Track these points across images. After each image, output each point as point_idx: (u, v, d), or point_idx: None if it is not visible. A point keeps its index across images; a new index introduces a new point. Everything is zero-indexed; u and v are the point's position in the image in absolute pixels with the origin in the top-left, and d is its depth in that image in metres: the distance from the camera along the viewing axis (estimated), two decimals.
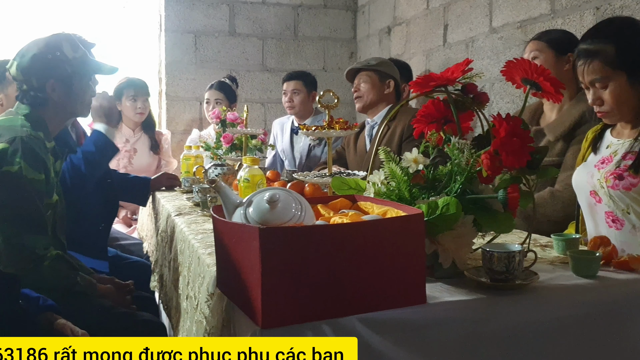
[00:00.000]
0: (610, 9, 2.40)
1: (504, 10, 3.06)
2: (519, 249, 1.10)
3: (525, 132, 1.17)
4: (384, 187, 1.23)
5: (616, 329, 1.15)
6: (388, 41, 4.25)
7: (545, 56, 2.29)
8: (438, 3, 3.63)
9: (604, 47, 1.69)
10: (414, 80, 1.27)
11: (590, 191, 1.75)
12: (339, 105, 1.75)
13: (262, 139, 2.82)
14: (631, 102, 1.68)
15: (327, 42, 4.65)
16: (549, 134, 2.22)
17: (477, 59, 3.25)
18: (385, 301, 0.98)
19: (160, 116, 4.41)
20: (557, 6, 2.70)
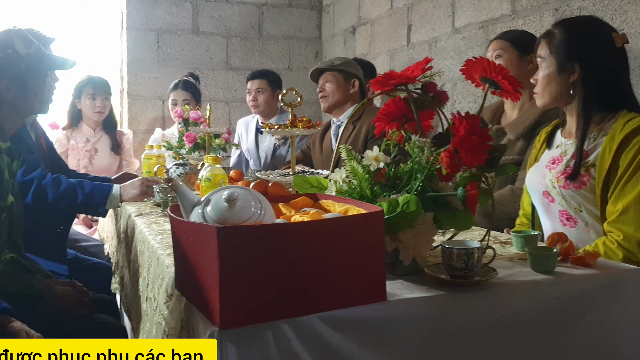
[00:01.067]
0: (568, 10, 2.45)
1: (466, 11, 3.10)
2: (478, 245, 1.11)
3: (484, 130, 1.18)
4: (346, 185, 1.22)
5: (572, 323, 1.17)
6: (353, 41, 4.27)
7: (509, 55, 2.32)
8: (402, 3, 3.65)
9: (556, 31, 1.76)
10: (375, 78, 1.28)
11: (543, 191, 1.79)
12: (306, 105, 1.75)
13: (225, 138, 2.79)
14: (554, 90, 1.75)
15: (292, 41, 4.64)
16: (510, 133, 2.26)
17: (440, 59, 3.28)
18: (346, 299, 0.98)
19: (121, 115, 4.34)
20: (518, 7, 2.75)
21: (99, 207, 2.26)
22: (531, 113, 2.22)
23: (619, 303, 1.21)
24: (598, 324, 1.19)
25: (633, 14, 2.16)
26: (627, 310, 1.22)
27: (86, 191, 2.20)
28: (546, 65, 1.77)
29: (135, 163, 3.67)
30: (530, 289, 1.15)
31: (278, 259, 0.89)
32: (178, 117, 2.96)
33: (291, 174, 1.69)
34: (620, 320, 1.21)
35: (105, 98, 3.51)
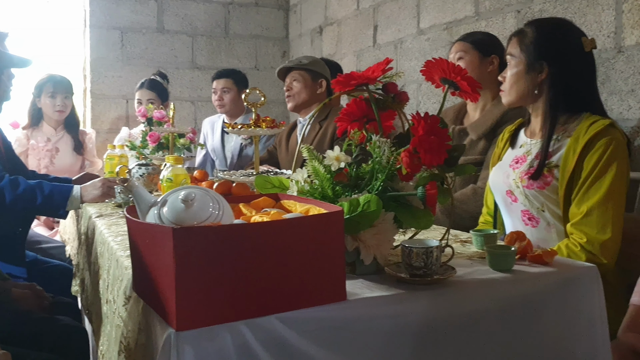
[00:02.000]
0: (530, 12, 2.50)
1: (431, 12, 3.13)
2: (437, 244, 1.12)
3: (443, 130, 1.19)
4: (308, 185, 1.22)
5: (530, 320, 1.19)
6: (320, 41, 4.27)
7: (471, 57, 2.35)
8: (368, 4, 3.67)
9: (527, 30, 1.79)
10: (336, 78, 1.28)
11: (507, 191, 1.81)
12: (273, 104, 1.75)
13: (190, 138, 2.76)
14: (522, 88, 1.78)
15: (259, 41, 4.63)
16: (472, 133, 2.29)
17: (405, 60, 3.31)
18: (305, 299, 0.97)
19: (84, 114, 4.26)
20: (481, 9, 2.79)
21: (59, 209, 2.21)
22: (492, 113, 2.26)
23: (575, 300, 1.23)
24: (555, 320, 1.21)
25: (592, 16, 2.21)
26: (582, 307, 1.24)
27: (45, 193, 2.16)
28: (515, 63, 1.80)
29: (98, 163, 3.61)
30: (489, 287, 1.16)
31: (236, 260, 0.88)
32: (142, 117, 2.92)
33: (255, 174, 1.68)
34: (577, 316, 1.23)
35: (66, 97, 3.44)
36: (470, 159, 2.25)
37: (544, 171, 1.71)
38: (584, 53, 1.76)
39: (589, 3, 2.22)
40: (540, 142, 1.76)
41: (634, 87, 2.06)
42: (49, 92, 3.38)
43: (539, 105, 1.79)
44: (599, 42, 2.15)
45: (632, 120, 2.07)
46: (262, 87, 3.63)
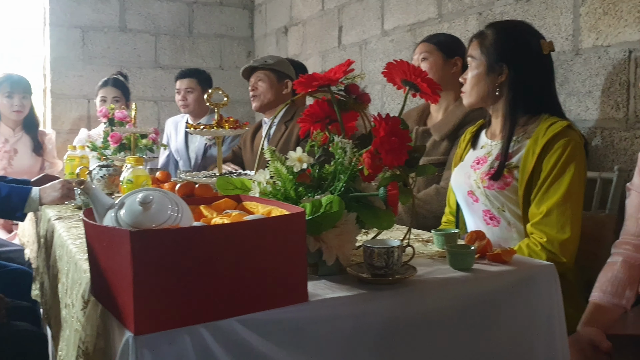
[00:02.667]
0: (491, 14, 2.54)
1: (395, 14, 3.16)
2: (398, 244, 1.13)
3: (404, 131, 1.20)
4: (270, 186, 1.22)
5: (490, 318, 1.20)
6: (285, 41, 4.27)
7: (434, 58, 2.38)
8: (333, 4, 3.68)
9: (488, 32, 1.82)
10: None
11: (468, 191, 1.84)
12: (239, 104, 1.74)
13: (153, 138, 2.73)
14: (482, 90, 1.81)
15: (224, 40, 4.59)
16: (435, 134, 2.31)
17: (370, 61, 3.33)
18: (267, 301, 0.97)
19: (44, 115, 4.17)
20: (444, 11, 2.82)
21: (16, 211, 2.16)
22: (455, 115, 2.28)
23: (533, 297, 1.26)
24: (514, 318, 1.23)
25: (550, 19, 2.25)
26: (540, 304, 1.26)
27: (2, 194, 2.10)
28: (476, 65, 1.82)
29: (58, 164, 3.54)
30: (449, 286, 1.18)
31: (195, 262, 0.87)
32: (103, 117, 2.87)
33: (218, 175, 1.67)
34: (535, 314, 1.26)
35: (24, 97, 3.36)
36: (434, 160, 2.28)
37: (504, 172, 1.74)
38: (542, 55, 1.79)
39: (548, 6, 2.26)
40: (501, 143, 1.79)
41: (591, 88, 2.11)
42: (6, 92, 3.30)
43: (499, 106, 1.82)
44: (557, 45, 2.19)
45: (589, 121, 2.12)
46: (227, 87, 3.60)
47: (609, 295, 1.54)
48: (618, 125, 2.02)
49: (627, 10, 1.97)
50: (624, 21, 1.98)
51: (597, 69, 2.09)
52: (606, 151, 2.06)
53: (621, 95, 2.00)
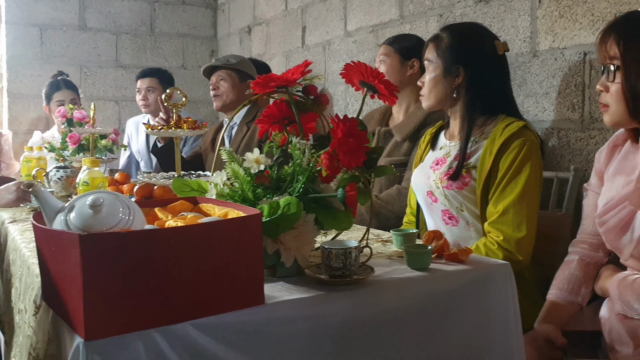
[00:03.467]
0: (451, 16, 2.57)
1: (358, 15, 3.17)
2: (356, 245, 1.13)
3: (362, 132, 1.21)
4: (227, 188, 1.21)
5: (447, 317, 1.22)
6: (249, 40, 4.24)
7: (392, 61, 2.40)
8: (296, 5, 3.67)
9: (443, 35, 1.83)
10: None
11: (427, 191, 1.86)
12: (201, 104, 1.71)
13: (112, 139, 2.68)
14: (440, 92, 1.83)
15: (187, 39, 4.54)
16: (397, 135, 2.33)
17: (334, 62, 3.33)
18: (222, 304, 0.96)
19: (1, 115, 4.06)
20: (406, 12, 2.85)
21: None
22: (416, 116, 2.31)
23: (489, 296, 1.27)
24: (471, 316, 1.25)
25: (509, 21, 2.29)
26: (496, 303, 1.28)
27: None
28: (433, 68, 1.84)
29: (15, 166, 3.45)
30: (406, 286, 1.18)
31: (147, 266, 0.86)
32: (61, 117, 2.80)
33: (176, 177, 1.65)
34: (491, 312, 1.27)
35: None
36: (395, 160, 2.30)
37: (462, 172, 1.76)
38: (497, 56, 1.83)
39: (506, 8, 2.30)
40: (459, 144, 1.81)
41: (548, 90, 2.15)
42: None
43: (457, 108, 1.85)
44: (515, 47, 2.23)
45: (546, 121, 2.16)
46: (189, 87, 3.58)
47: (566, 292, 1.57)
48: (574, 126, 2.06)
49: (581, 14, 2.02)
50: (579, 24, 2.03)
51: (554, 70, 2.13)
52: (563, 151, 2.10)
53: (577, 96, 2.05)
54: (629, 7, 1.86)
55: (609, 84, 1.37)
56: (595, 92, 1.98)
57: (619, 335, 1.40)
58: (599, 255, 1.59)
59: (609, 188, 1.47)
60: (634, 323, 1.37)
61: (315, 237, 1.20)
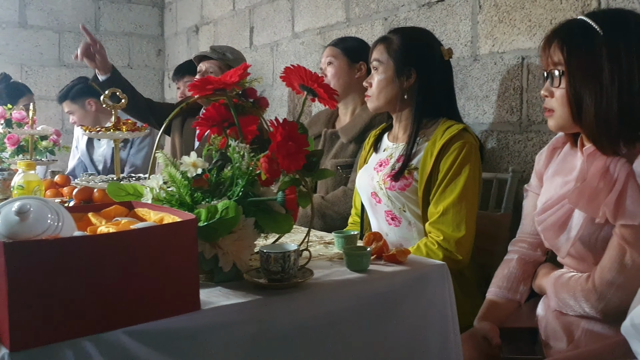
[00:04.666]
0: (396, 19, 2.60)
1: (305, 17, 3.18)
2: (295, 248, 1.14)
3: (302, 136, 1.21)
4: (164, 192, 1.19)
5: (386, 317, 1.23)
6: (196, 40, 4.20)
7: (339, 62, 2.41)
8: (244, 5, 3.66)
9: (393, 38, 1.85)
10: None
11: (371, 192, 1.88)
12: None
13: (53, 140, 2.60)
14: (390, 94, 1.85)
15: (132, 38, 4.46)
16: (343, 136, 2.35)
17: (282, 63, 3.33)
18: (156, 311, 0.95)
19: None
20: (352, 15, 2.87)
21: None
22: (362, 118, 2.32)
23: (427, 296, 1.30)
24: (409, 316, 1.27)
25: (451, 26, 2.34)
26: (434, 302, 1.31)
27: None
28: (384, 69, 1.86)
29: None
30: (345, 288, 1.19)
31: (76, 273, 0.84)
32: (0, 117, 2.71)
33: (116, 180, 1.62)
34: (429, 312, 1.30)
35: None
36: (341, 162, 2.31)
37: (405, 173, 1.79)
38: (443, 61, 1.86)
39: (449, 13, 2.35)
40: (402, 146, 1.84)
41: (488, 93, 2.21)
42: None
43: (404, 110, 1.87)
44: (457, 51, 2.28)
45: (486, 124, 2.22)
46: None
47: (505, 290, 1.60)
48: (512, 129, 2.12)
49: (519, 19, 2.08)
50: (517, 29, 2.09)
51: (494, 74, 2.19)
52: (502, 153, 2.16)
53: (515, 99, 2.11)
54: (564, 13, 1.93)
55: (554, 89, 1.40)
56: (532, 97, 2.05)
57: (554, 331, 1.44)
58: (537, 254, 1.62)
59: (548, 188, 1.51)
60: (569, 319, 1.42)
61: (255, 240, 1.20)
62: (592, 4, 1.85)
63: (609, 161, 1.33)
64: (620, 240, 1.30)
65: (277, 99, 3.43)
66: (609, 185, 1.31)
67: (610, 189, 1.30)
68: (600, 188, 1.31)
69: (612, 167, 1.32)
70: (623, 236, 1.29)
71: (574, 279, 1.41)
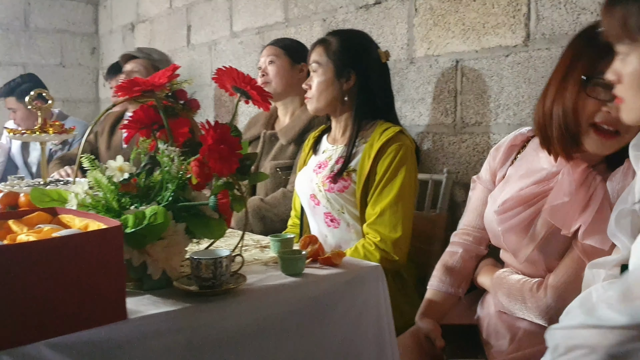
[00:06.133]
0: (334, 21, 2.61)
1: (244, 16, 3.14)
2: (227, 254, 1.12)
3: (235, 138, 1.19)
4: (89, 197, 1.15)
5: (321, 321, 1.23)
6: (132, 38, 4.09)
7: (282, 62, 2.39)
8: (181, 3, 3.59)
9: (332, 39, 1.85)
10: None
11: (310, 194, 1.87)
12: (82, 104, 1.61)
13: None
14: (331, 95, 1.85)
15: (65, 36, 4.30)
16: (282, 138, 2.33)
17: (220, 62, 3.29)
18: (80, 322, 0.91)
19: None
20: (290, 15, 2.86)
21: None
22: (301, 119, 2.32)
23: (362, 298, 1.30)
24: (345, 319, 1.27)
25: (388, 28, 2.36)
26: (369, 304, 1.31)
27: None
28: (323, 71, 1.85)
29: None
30: (279, 293, 1.18)
31: None
32: None
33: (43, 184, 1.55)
34: (364, 314, 1.30)
35: None
36: (281, 164, 2.30)
37: (343, 175, 1.80)
38: (381, 64, 1.88)
39: (386, 16, 2.37)
40: (341, 148, 1.85)
41: (424, 95, 2.24)
42: None
43: (344, 112, 1.87)
44: (394, 53, 2.30)
45: (422, 126, 2.25)
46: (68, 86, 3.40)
47: (447, 284, 1.60)
48: (447, 130, 2.16)
49: (453, 23, 2.12)
50: (452, 32, 2.13)
51: (429, 77, 2.22)
52: (437, 154, 2.20)
53: (450, 102, 2.15)
54: (496, 18, 1.98)
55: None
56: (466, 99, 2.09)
57: (496, 329, 1.45)
58: (481, 249, 1.62)
59: (507, 188, 1.48)
60: (511, 319, 1.43)
61: (187, 247, 1.17)
62: (522, 9, 1.91)
63: (587, 173, 1.33)
64: (581, 254, 1.30)
65: (216, 99, 3.38)
66: (584, 200, 1.30)
67: (586, 206, 1.29)
68: (576, 201, 1.30)
69: (589, 182, 1.32)
70: (585, 251, 1.29)
71: (522, 283, 1.40)
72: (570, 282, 1.31)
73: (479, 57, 2.04)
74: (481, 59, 2.04)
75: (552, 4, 1.83)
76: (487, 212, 1.50)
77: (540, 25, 1.86)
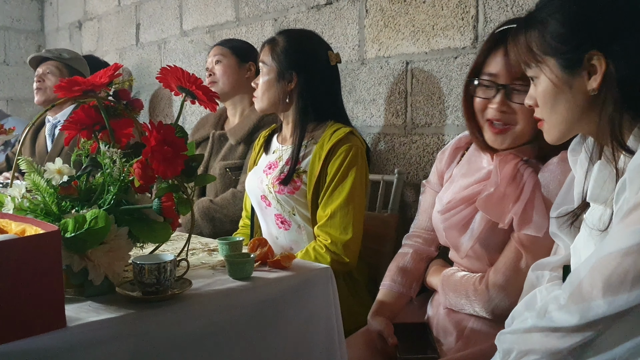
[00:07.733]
0: (286, 20, 2.59)
1: (193, 15, 3.10)
2: (171, 258, 1.09)
3: (180, 140, 1.16)
4: (27, 201, 1.10)
5: (272, 324, 1.21)
6: (79, 36, 3.98)
7: (229, 61, 2.37)
8: (130, 1, 3.51)
9: (279, 39, 1.85)
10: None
11: (261, 195, 1.85)
12: (27, 103, 1.55)
13: None
14: (273, 96, 1.85)
15: (9, 33, 4.15)
16: (231, 138, 2.31)
17: (170, 61, 3.23)
18: (14, 330, 0.87)
19: None
20: (241, 15, 2.83)
21: None
22: (250, 119, 2.30)
23: (313, 299, 1.29)
24: (294, 322, 1.25)
25: (339, 29, 2.36)
26: (319, 305, 1.30)
27: None
28: (267, 70, 1.84)
29: None
30: (227, 297, 1.16)
31: None
32: None
33: None
34: (314, 316, 1.29)
35: None
36: (230, 164, 2.27)
37: (294, 177, 1.78)
38: (329, 66, 1.87)
39: (337, 16, 2.37)
40: (291, 149, 1.83)
41: (375, 96, 2.25)
42: None
43: (290, 113, 1.86)
44: (345, 54, 2.31)
45: (374, 127, 2.26)
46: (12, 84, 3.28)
47: (399, 285, 1.61)
48: (398, 131, 2.17)
49: (403, 24, 2.13)
50: (402, 34, 2.14)
51: (380, 78, 2.23)
52: (388, 155, 2.21)
53: (400, 103, 2.16)
54: (445, 20, 2.00)
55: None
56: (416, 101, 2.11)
57: (445, 327, 1.48)
58: (431, 250, 1.65)
59: (451, 188, 1.51)
60: (459, 316, 1.45)
61: (130, 251, 1.14)
62: (470, 11, 1.94)
63: (518, 167, 1.37)
64: (518, 246, 1.34)
65: (165, 99, 3.32)
66: (515, 193, 1.34)
67: (517, 197, 1.33)
68: (508, 195, 1.34)
69: (519, 175, 1.36)
70: (522, 242, 1.33)
71: (466, 279, 1.44)
72: (509, 274, 1.35)
73: (429, 59, 2.06)
74: (430, 61, 2.06)
75: (500, 6, 1.87)
76: (434, 213, 1.53)
77: (488, 27, 1.89)
